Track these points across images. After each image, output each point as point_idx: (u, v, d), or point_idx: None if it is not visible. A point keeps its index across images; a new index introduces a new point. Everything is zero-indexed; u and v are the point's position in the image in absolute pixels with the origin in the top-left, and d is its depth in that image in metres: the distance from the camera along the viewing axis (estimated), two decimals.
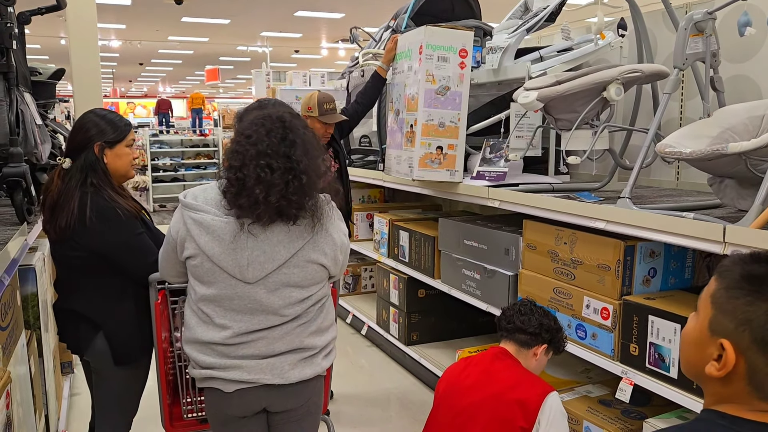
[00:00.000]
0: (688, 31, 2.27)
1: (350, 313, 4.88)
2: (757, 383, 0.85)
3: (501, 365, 2.12)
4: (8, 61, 2.19)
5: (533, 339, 2.19)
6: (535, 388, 2.03)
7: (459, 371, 2.19)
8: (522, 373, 2.10)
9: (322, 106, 3.27)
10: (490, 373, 2.10)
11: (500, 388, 2.04)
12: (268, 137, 1.70)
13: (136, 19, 13.41)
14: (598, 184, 2.95)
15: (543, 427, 1.96)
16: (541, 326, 2.20)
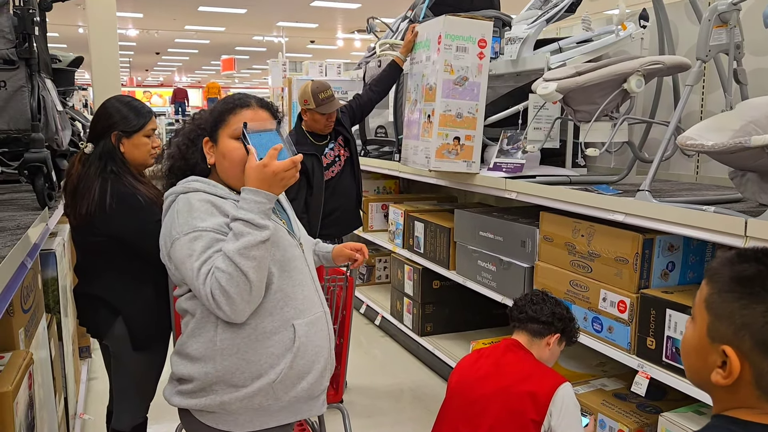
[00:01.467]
0: (711, 23, 2.24)
1: (364, 303, 4.89)
2: (764, 386, 0.83)
3: (513, 357, 2.12)
4: (30, 48, 2.21)
5: (546, 328, 2.18)
6: (547, 379, 2.02)
7: (471, 363, 2.19)
8: (534, 364, 2.10)
9: (317, 97, 3.25)
10: (501, 365, 2.10)
11: (511, 380, 2.03)
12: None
13: (153, 8, 13.46)
14: (617, 177, 2.93)
15: (555, 418, 1.96)
16: (553, 315, 2.19)
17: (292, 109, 6.04)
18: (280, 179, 1.49)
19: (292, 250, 1.64)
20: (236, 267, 1.42)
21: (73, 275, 2.37)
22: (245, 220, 1.46)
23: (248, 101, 1.66)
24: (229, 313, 1.46)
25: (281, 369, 1.55)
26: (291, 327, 1.57)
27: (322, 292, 1.74)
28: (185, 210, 1.53)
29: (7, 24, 2.11)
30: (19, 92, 2.18)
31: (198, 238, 1.49)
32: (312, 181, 3.32)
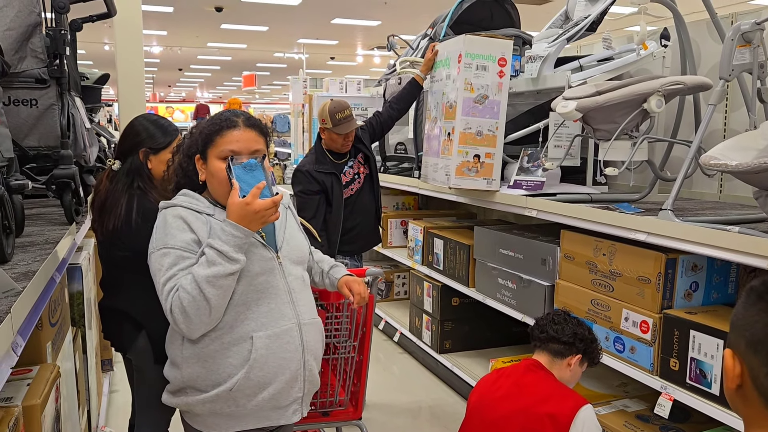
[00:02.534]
0: (735, 42, 2.23)
1: (383, 319, 4.89)
2: (762, 391, 0.83)
3: (533, 377, 2.10)
4: (61, 67, 2.27)
5: (567, 349, 2.17)
6: (568, 401, 2.00)
7: (491, 383, 2.18)
8: (555, 385, 2.08)
9: (335, 117, 3.27)
10: (521, 386, 2.08)
11: (531, 401, 2.02)
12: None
13: (177, 26, 13.72)
14: (638, 196, 2.91)
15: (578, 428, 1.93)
16: (575, 335, 2.17)
17: (313, 126, 6.10)
18: (260, 217, 1.57)
19: (263, 263, 1.69)
20: (200, 292, 1.53)
21: (98, 289, 2.41)
22: (219, 251, 1.55)
23: (235, 121, 1.70)
24: (184, 330, 1.59)
25: (237, 379, 1.63)
26: (250, 339, 1.64)
27: (309, 302, 1.79)
28: (161, 226, 1.66)
29: (39, 44, 2.17)
30: (50, 110, 2.24)
31: (166, 254, 1.61)
32: (331, 200, 3.34)
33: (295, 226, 1.90)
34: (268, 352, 1.65)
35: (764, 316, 0.83)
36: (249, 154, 1.68)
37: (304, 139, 6.61)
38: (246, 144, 1.68)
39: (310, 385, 1.77)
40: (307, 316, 1.76)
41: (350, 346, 2.29)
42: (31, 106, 2.24)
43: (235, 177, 1.59)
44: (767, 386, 0.82)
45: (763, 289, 0.86)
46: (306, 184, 3.34)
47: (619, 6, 3.06)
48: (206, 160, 1.70)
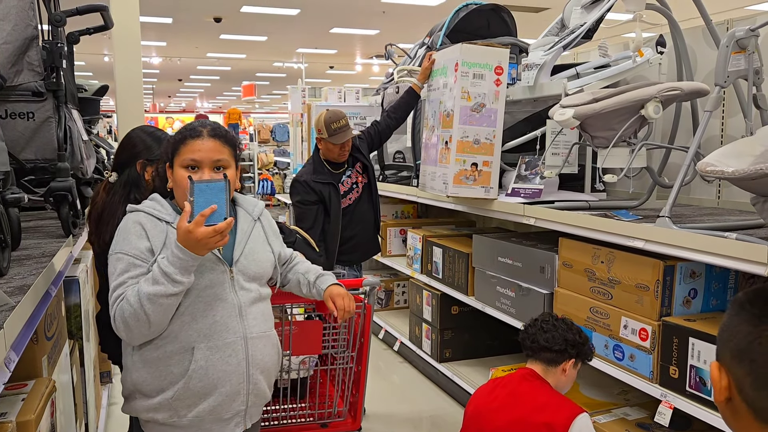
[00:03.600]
0: (729, 48, 2.24)
1: (382, 328, 4.88)
2: (749, 401, 0.82)
3: (528, 387, 2.09)
4: (58, 80, 2.27)
5: (560, 356, 2.15)
6: (564, 410, 1.99)
7: (487, 393, 2.17)
8: (550, 394, 2.07)
9: (330, 127, 3.28)
10: (517, 396, 2.07)
11: (527, 410, 2.01)
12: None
13: (176, 36, 13.77)
14: (636, 202, 2.91)
15: None
16: (566, 342, 2.16)
17: (311, 135, 6.11)
18: (203, 245, 1.55)
19: (213, 276, 1.69)
20: (141, 307, 1.56)
21: (96, 301, 2.40)
22: (164, 271, 1.55)
23: (200, 131, 1.70)
24: (124, 337, 1.65)
25: (178, 387, 1.66)
26: (191, 350, 1.66)
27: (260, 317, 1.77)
28: (122, 230, 1.70)
29: (36, 58, 2.18)
30: (47, 123, 2.24)
31: (119, 260, 1.65)
32: (329, 209, 3.34)
33: (261, 240, 1.85)
34: (207, 363, 1.67)
35: (746, 326, 0.83)
36: (211, 164, 1.68)
37: (303, 148, 6.61)
38: (207, 154, 1.68)
39: (255, 398, 1.76)
40: (257, 330, 1.75)
41: (348, 356, 2.28)
42: (27, 119, 2.24)
43: (194, 197, 1.56)
44: (753, 397, 0.81)
45: (744, 298, 0.86)
46: (304, 194, 3.35)
47: (615, 13, 3.07)
48: (173, 169, 1.72)
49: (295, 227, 2.74)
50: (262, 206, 1.91)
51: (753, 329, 0.81)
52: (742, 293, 0.88)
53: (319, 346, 2.19)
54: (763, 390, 0.80)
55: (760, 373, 0.80)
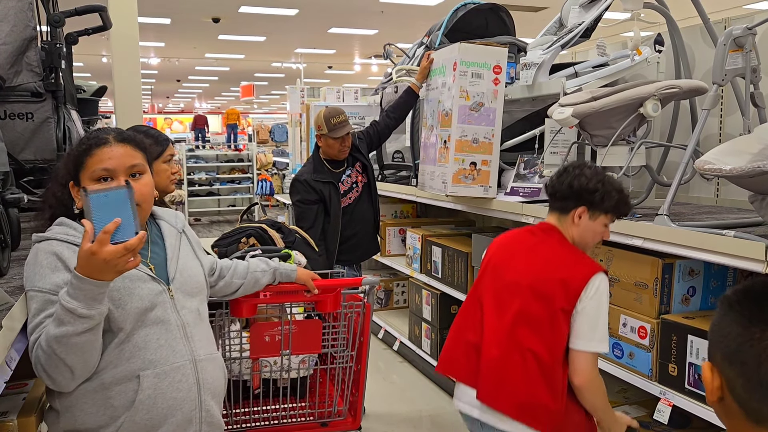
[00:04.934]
0: (727, 47, 2.24)
1: (382, 328, 4.88)
2: (740, 402, 0.83)
3: (546, 241, 2.02)
4: (57, 80, 2.28)
5: (567, 203, 2.01)
6: (581, 267, 1.92)
7: (506, 245, 2.11)
8: (568, 250, 1.98)
9: (329, 122, 3.30)
10: (534, 250, 2.01)
11: (543, 265, 1.95)
12: None
13: (174, 37, 13.77)
14: (636, 201, 2.91)
15: (582, 303, 1.88)
16: (570, 189, 1.99)
17: (310, 135, 6.11)
18: (112, 266, 1.28)
19: (152, 297, 1.52)
20: (54, 352, 1.33)
21: None
22: (67, 308, 1.29)
23: (105, 138, 1.53)
24: (51, 386, 1.41)
25: (122, 422, 1.45)
26: (136, 379, 1.47)
27: (205, 336, 1.64)
28: (32, 263, 1.45)
29: (35, 58, 2.18)
30: (46, 124, 2.24)
31: (32, 298, 1.41)
32: (329, 209, 3.35)
33: (190, 254, 1.71)
34: (156, 392, 1.48)
35: (735, 326, 0.83)
36: (125, 171, 1.52)
37: (302, 148, 6.62)
38: (120, 160, 1.51)
39: (208, 427, 1.59)
40: (203, 352, 1.59)
41: (348, 355, 2.29)
42: (26, 119, 2.24)
43: (93, 211, 1.27)
44: (745, 398, 0.81)
45: (734, 298, 0.86)
46: (304, 194, 3.35)
47: (613, 12, 3.08)
48: (80, 186, 1.52)
49: (295, 227, 2.75)
50: (183, 217, 1.79)
51: (743, 331, 0.81)
52: (731, 292, 0.87)
53: (318, 345, 2.19)
54: (754, 392, 0.80)
55: (751, 376, 0.80)
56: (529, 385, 1.89)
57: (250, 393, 2.28)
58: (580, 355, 1.89)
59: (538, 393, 1.88)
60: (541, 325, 1.90)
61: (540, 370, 1.89)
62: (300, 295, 2.14)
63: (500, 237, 2.19)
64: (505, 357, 1.93)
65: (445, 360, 2.16)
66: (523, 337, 1.91)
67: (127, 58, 5.02)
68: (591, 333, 1.88)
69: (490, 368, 1.96)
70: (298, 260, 2.34)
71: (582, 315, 1.88)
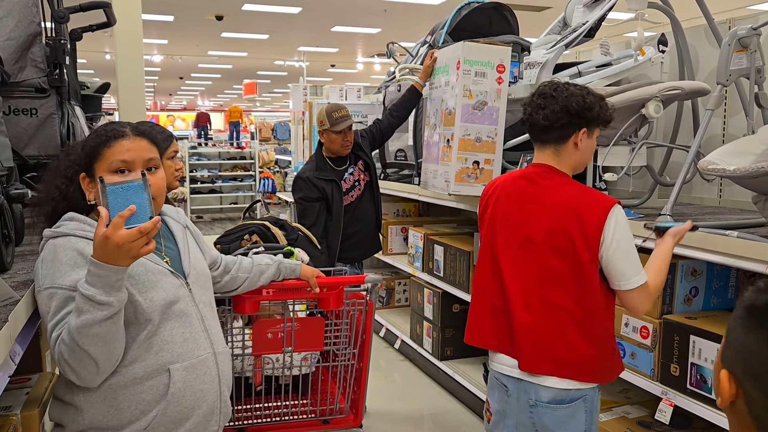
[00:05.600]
0: (732, 47, 2.24)
1: (384, 326, 4.88)
2: (756, 415, 0.82)
3: (550, 188, 1.91)
4: (61, 76, 2.28)
5: (566, 130, 1.88)
6: (591, 209, 1.82)
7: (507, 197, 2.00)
8: (573, 191, 1.88)
9: (331, 116, 3.32)
10: (539, 201, 1.91)
11: (553, 216, 1.86)
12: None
13: (177, 34, 13.77)
14: (637, 201, 2.91)
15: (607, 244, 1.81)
16: (568, 114, 1.86)
17: (313, 133, 6.11)
18: (126, 251, 1.28)
19: (174, 290, 1.54)
20: (77, 344, 1.32)
21: None
22: (85, 295, 1.30)
23: (122, 131, 1.53)
24: (76, 381, 1.39)
25: (153, 416, 1.46)
26: (166, 372, 1.48)
27: (218, 330, 1.66)
28: (49, 259, 1.43)
29: (39, 54, 2.18)
30: (50, 119, 2.25)
31: (53, 296, 1.39)
32: (331, 206, 3.35)
33: (196, 248, 1.74)
34: (185, 385, 1.50)
35: (765, 348, 0.80)
36: (143, 164, 1.52)
37: (305, 146, 6.62)
38: (138, 153, 1.51)
39: (224, 417, 1.64)
40: (220, 345, 1.64)
41: (350, 353, 2.29)
42: (31, 115, 2.24)
43: (109, 200, 1.30)
44: (764, 418, 0.80)
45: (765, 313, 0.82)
46: (306, 191, 3.35)
47: (617, 12, 3.07)
48: (93, 178, 1.51)
49: (297, 224, 2.75)
50: (183, 213, 1.80)
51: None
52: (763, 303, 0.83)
53: (320, 342, 2.20)
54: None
55: None
56: (566, 342, 1.85)
57: (253, 390, 2.29)
58: (629, 294, 1.84)
59: (576, 346, 1.85)
60: (566, 280, 1.84)
61: (574, 325, 1.84)
62: (303, 292, 2.14)
63: (495, 189, 2.06)
64: (539, 321, 1.87)
65: (474, 330, 2.05)
66: (551, 295, 1.86)
67: (131, 55, 5.02)
68: (629, 269, 1.83)
69: (526, 336, 1.89)
70: (301, 257, 2.35)
71: (612, 257, 1.81)
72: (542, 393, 1.88)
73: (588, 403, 1.90)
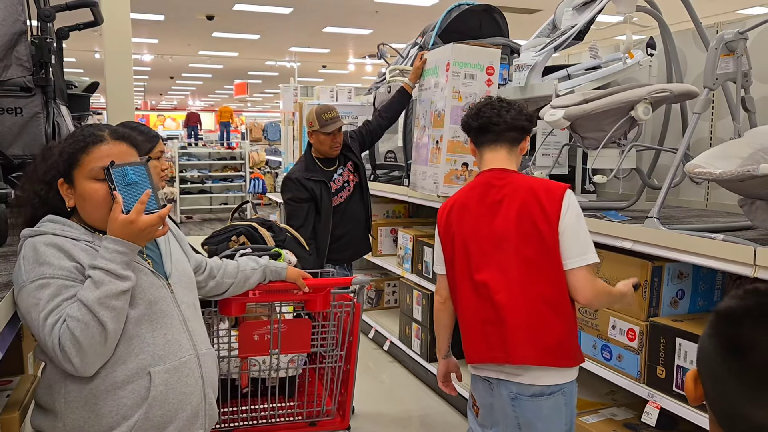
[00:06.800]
0: (719, 51, 2.25)
1: (372, 328, 4.87)
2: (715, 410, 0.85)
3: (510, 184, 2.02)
4: (46, 75, 2.26)
5: (523, 132, 2.08)
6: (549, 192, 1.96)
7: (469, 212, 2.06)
8: (531, 182, 2.03)
9: (321, 118, 3.30)
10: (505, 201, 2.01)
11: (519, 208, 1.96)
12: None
13: (168, 34, 13.71)
14: (626, 204, 2.92)
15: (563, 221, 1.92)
16: (526, 116, 2.08)
17: (303, 134, 6.10)
18: (147, 234, 1.42)
19: (154, 291, 1.53)
20: (93, 316, 1.33)
21: None
22: (106, 270, 1.36)
23: (100, 136, 1.51)
24: (78, 365, 1.36)
25: (135, 420, 1.44)
26: (147, 375, 1.46)
27: (202, 331, 1.65)
28: (30, 255, 1.41)
29: (25, 53, 2.16)
30: (35, 119, 2.22)
31: (45, 285, 1.38)
32: (320, 207, 3.34)
33: (179, 249, 1.74)
34: (167, 388, 1.48)
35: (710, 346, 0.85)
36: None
37: (295, 147, 6.60)
38: (118, 158, 1.49)
39: (210, 420, 1.61)
40: (204, 347, 1.62)
41: (337, 355, 2.28)
42: (15, 114, 2.22)
43: (117, 185, 1.41)
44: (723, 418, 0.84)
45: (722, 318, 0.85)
46: (295, 192, 3.34)
47: (606, 15, 3.08)
48: (73, 184, 1.49)
49: (285, 225, 2.74)
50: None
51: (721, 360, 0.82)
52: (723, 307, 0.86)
53: (307, 344, 2.19)
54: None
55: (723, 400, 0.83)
56: (547, 329, 1.91)
57: (239, 392, 2.27)
58: (576, 273, 1.91)
59: (555, 330, 1.91)
60: (539, 265, 1.92)
61: (551, 308, 1.91)
62: (289, 293, 2.13)
63: (453, 207, 2.11)
64: (525, 313, 1.92)
65: (472, 352, 2.07)
66: (531, 284, 1.92)
67: (119, 54, 4.99)
68: (578, 247, 1.91)
69: (518, 332, 1.92)
70: (288, 259, 2.33)
71: (564, 234, 1.92)
72: (524, 388, 1.93)
73: (567, 396, 1.95)
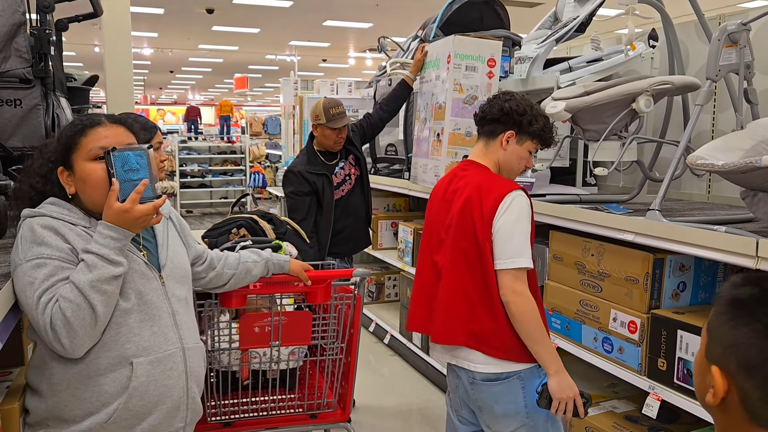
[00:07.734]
0: (721, 43, 2.24)
1: (373, 321, 4.88)
2: (750, 409, 0.82)
3: (466, 178, 2.06)
4: (46, 67, 2.25)
5: (497, 126, 2.07)
6: (494, 191, 1.96)
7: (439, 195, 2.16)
8: (484, 179, 2.02)
9: (329, 112, 3.29)
10: (459, 192, 2.05)
11: (465, 202, 2.00)
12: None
13: (168, 27, 13.67)
14: (627, 196, 2.92)
15: (497, 223, 1.94)
16: (501, 111, 2.04)
17: (303, 127, 6.09)
18: (141, 222, 1.44)
19: (146, 282, 1.54)
20: (85, 299, 1.36)
21: None
22: (99, 254, 1.39)
23: (98, 119, 1.55)
24: (67, 346, 1.38)
25: (114, 408, 1.45)
26: (129, 365, 1.47)
27: (192, 325, 1.66)
28: (28, 235, 1.43)
29: (24, 44, 2.15)
30: (34, 110, 2.21)
31: (41, 265, 1.40)
32: (322, 201, 3.33)
33: (178, 241, 1.74)
34: (149, 379, 1.50)
35: (760, 339, 0.80)
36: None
37: (295, 141, 6.59)
38: (116, 139, 1.51)
39: (192, 414, 1.62)
40: (191, 341, 1.62)
41: (338, 347, 2.28)
42: (15, 106, 2.21)
43: (116, 170, 1.43)
44: (759, 408, 0.81)
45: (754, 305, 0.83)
46: (297, 185, 3.33)
47: (608, 7, 3.07)
48: (72, 168, 1.51)
49: (286, 218, 2.73)
50: (168, 203, 1.76)
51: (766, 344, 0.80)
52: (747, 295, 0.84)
53: (308, 336, 2.19)
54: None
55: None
56: (474, 316, 1.98)
57: (239, 384, 2.28)
58: (501, 274, 1.95)
59: (481, 319, 1.97)
60: (473, 259, 1.97)
61: (480, 300, 1.97)
62: (290, 285, 2.13)
63: (433, 191, 2.22)
64: (453, 297, 2.01)
65: (412, 318, 2.20)
66: (463, 274, 1.99)
67: (119, 47, 4.98)
68: (506, 250, 1.94)
69: (440, 309, 2.04)
70: (289, 251, 2.33)
71: (497, 235, 1.95)
72: (476, 374, 2.02)
73: (524, 380, 1.99)
